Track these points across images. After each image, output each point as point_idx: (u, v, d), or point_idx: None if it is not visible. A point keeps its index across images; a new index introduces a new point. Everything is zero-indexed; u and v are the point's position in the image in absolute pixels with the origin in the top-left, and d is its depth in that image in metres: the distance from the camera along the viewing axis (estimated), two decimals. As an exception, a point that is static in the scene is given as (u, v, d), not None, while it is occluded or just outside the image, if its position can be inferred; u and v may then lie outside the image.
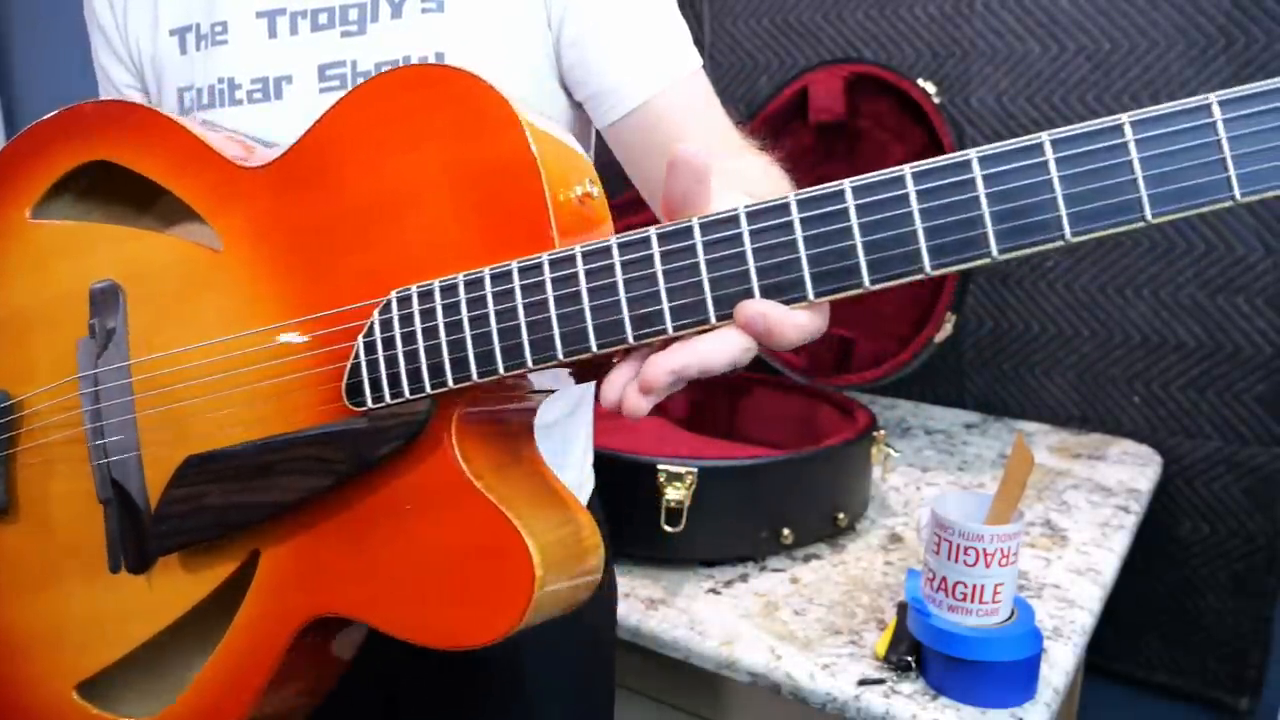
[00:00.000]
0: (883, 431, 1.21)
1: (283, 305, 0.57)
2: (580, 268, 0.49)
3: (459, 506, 0.52)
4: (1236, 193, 0.41)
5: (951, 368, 1.58)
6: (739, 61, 1.64)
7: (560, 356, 0.50)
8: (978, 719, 0.84)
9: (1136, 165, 0.42)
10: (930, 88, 1.28)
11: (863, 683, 0.89)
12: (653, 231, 0.48)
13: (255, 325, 0.57)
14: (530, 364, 0.50)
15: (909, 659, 0.89)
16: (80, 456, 0.63)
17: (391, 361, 0.53)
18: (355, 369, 0.54)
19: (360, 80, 0.67)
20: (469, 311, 0.51)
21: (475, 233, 0.52)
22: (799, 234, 0.46)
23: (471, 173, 0.52)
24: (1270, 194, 0.41)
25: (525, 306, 0.50)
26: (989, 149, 0.44)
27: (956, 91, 1.43)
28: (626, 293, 0.49)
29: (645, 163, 0.76)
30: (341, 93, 0.63)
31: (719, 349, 0.48)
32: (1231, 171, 0.41)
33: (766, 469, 1.09)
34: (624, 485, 1.08)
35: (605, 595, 0.95)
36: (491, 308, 0.51)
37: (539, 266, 0.50)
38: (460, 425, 0.53)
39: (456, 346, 0.52)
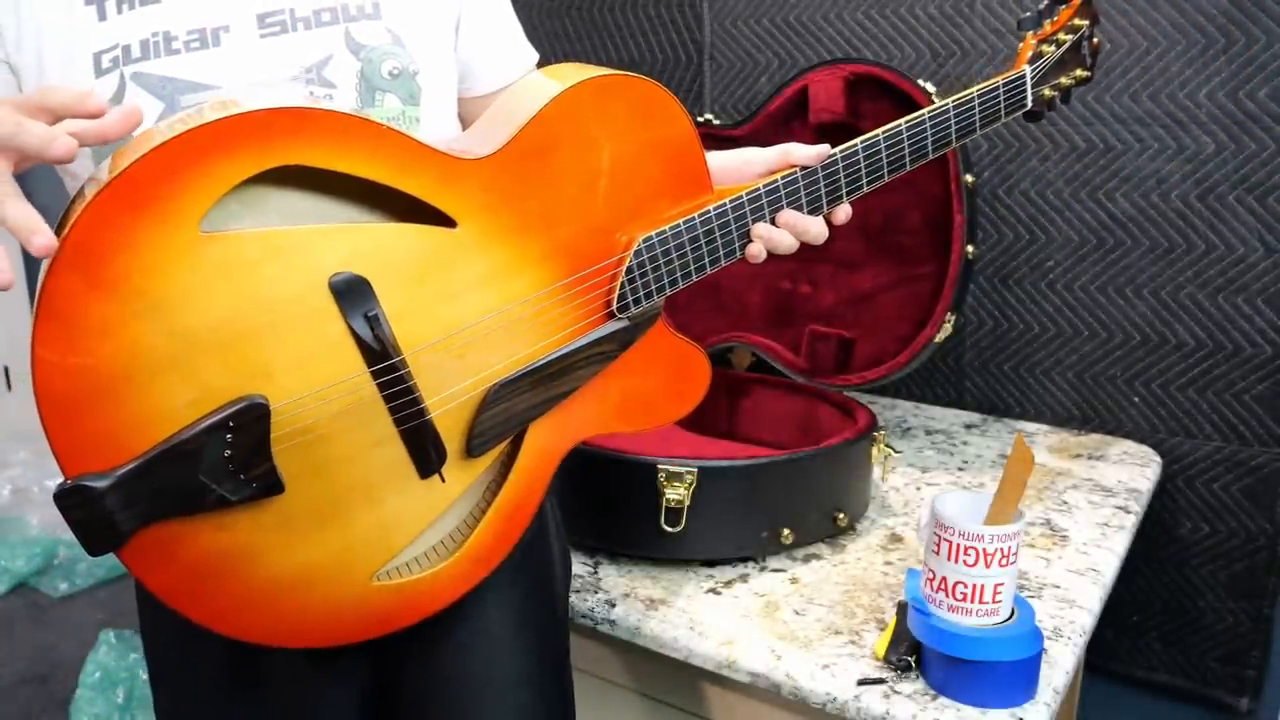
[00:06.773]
0: (883, 431, 1.21)
1: (531, 261, 0.75)
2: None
3: (669, 347, 0.85)
4: None
5: (951, 368, 1.58)
6: (739, 61, 1.64)
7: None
8: (978, 719, 0.84)
9: None
10: (930, 88, 1.28)
11: (863, 683, 0.89)
12: (847, 149, 0.85)
13: (513, 280, 0.75)
14: (707, 269, 0.82)
15: (909, 659, 0.90)
16: (358, 422, 0.70)
17: (645, 284, 0.79)
18: (622, 294, 0.79)
19: (300, 25, 0.78)
20: (690, 246, 0.80)
21: (669, 192, 0.80)
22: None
23: (662, 152, 0.79)
24: None
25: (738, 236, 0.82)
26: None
27: (957, 91, 1.43)
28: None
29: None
30: (284, 37, 0.78)
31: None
32: None
33: (766, 469, 1.09)
34: (624, 485, 1.09)
35: (560, 573, 0.97)
36: (719, 240, 0.82)
37: (773, 189, 0.83)
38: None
39: (684, 268, 0.81)
